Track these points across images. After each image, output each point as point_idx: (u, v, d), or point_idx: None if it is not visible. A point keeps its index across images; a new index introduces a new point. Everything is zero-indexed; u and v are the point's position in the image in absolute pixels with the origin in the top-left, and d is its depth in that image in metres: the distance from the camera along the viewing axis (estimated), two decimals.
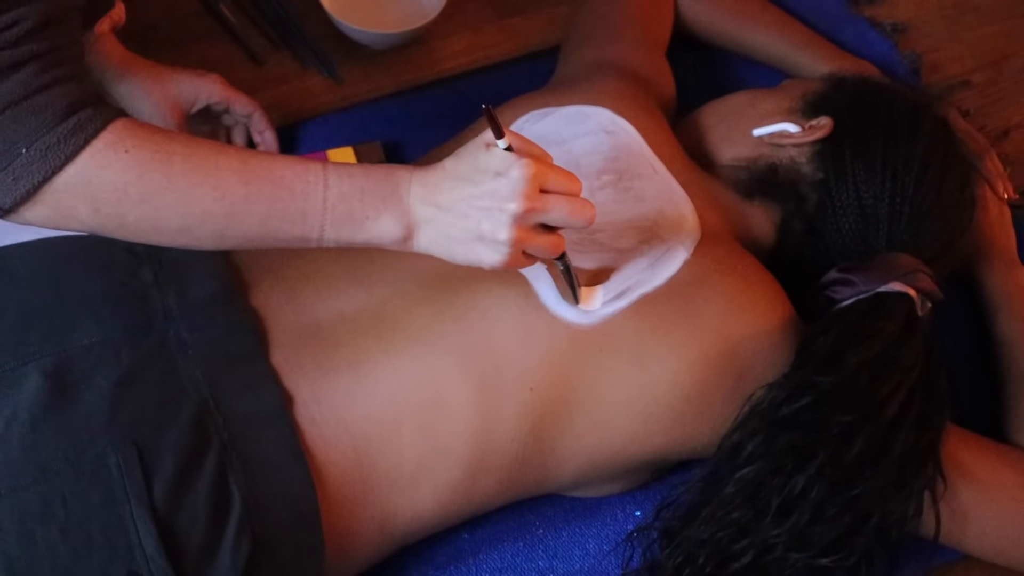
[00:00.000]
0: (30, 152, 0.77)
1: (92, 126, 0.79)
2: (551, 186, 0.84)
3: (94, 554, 0.80)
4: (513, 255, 0.85)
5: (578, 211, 0.85)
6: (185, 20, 1.35)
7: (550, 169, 0.84)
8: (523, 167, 0.82)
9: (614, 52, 1.22)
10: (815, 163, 1.08)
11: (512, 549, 1.05)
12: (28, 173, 0.78)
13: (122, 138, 0.80)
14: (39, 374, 0.84)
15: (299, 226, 0.84)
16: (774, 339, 0.98)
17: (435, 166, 0.87)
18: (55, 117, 0.78)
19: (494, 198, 0.83)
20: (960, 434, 0.99)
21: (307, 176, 0.84)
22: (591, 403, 0.94)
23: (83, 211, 0.80)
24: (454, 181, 0.84)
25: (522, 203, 0.82)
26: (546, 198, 0.84)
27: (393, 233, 0.85)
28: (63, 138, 0.78)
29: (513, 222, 0.83)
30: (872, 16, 1.46)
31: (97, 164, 0.79)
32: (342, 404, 0.90)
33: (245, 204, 0.82)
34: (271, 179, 0.83)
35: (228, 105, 1.19)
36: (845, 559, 0.91)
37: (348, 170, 0.85)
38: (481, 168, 0.84)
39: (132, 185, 0.80)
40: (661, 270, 0.97)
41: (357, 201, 0.84)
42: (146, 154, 0.80)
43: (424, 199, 0.85)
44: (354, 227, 0.85)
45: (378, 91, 1.33)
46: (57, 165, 0.78)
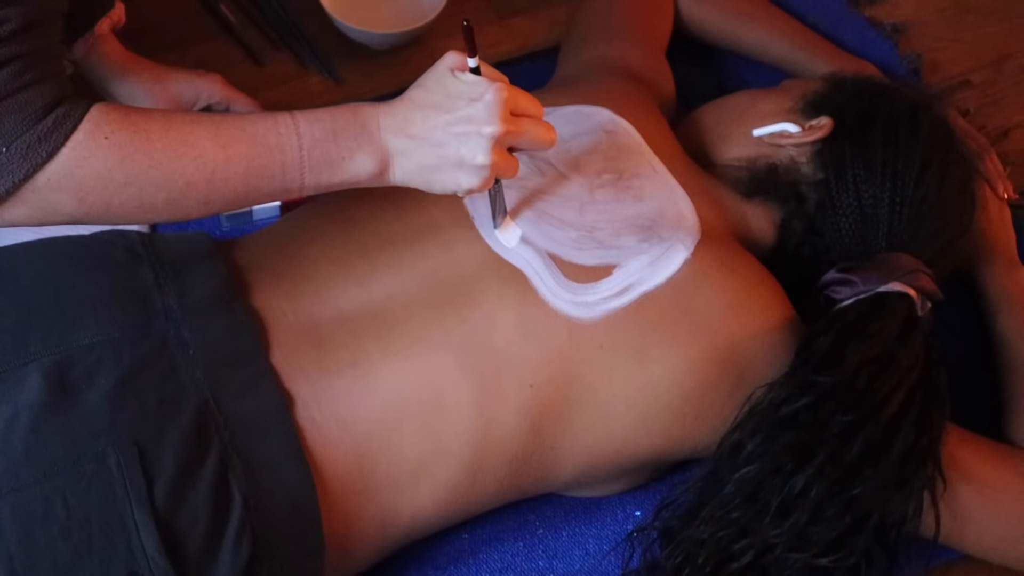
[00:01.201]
0: (10, 151, 0.77)
1: (71, 120, 0.79)
2: (521, 108, 0.88)
3: (95, 554, 0.80)
4: (489, 178, 0.87)
5: (544, 134, 0.89)
6: (185, 20, 1.35)
7: (519, 92, 0.88)
8: (497, 91, 0.85)
9: (614, 52, 1.22)
10: (815, 163, 1.08)
11: (512, 549, 1.05)
12: (8, 172, 0.78)
13: (100, 125, 0.80)
14: (40, 374, 0.84)
15: (279, 178, 0.86)
16: (774, 339, 0.98)
17: (401, 98, 0.89)
18: (35, 115, 0.78)
19: (471, 123, 0.85)
20: (960, 434, 0.99)
21: (279, 128, 0.86)
22: (591, 401, 0.94)
23: (68, 204, 0.81)
24: (427, 110, 0.86)
25: (500, 126, 0.85)
26: (520, 120, 0.87)
27: (369, 168, 0.87)
28: (44, 135, 0.78)
29: (492, 145, 0.85)
30: (872, 16, 1.46)
31: (79, 156, 0.79)
32: (342, 404, 0.90)
33: (226, 167, 0.84)
34: (246, 138, 0.84)
35: (228, 105, 1.19)
36: (845, 559, 0.92)
37: (316, 115, 0.87)
38: (453, 94, 0.86)
39: (116, 170, 0.81)
40: (662, 268, 0.97)
41: (331, 143, 0.86)
42: (125, 136, 0.81)
43: (396, 131, 0.87)
44: (332, 169, 0.87)
45: (378, 91, 1.33)
46: (38, 163, 0.78)
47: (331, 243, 0.99)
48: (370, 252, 0.97)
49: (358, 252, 0.98)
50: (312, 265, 0.97)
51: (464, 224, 0.99)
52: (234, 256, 0.99)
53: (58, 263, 0.92)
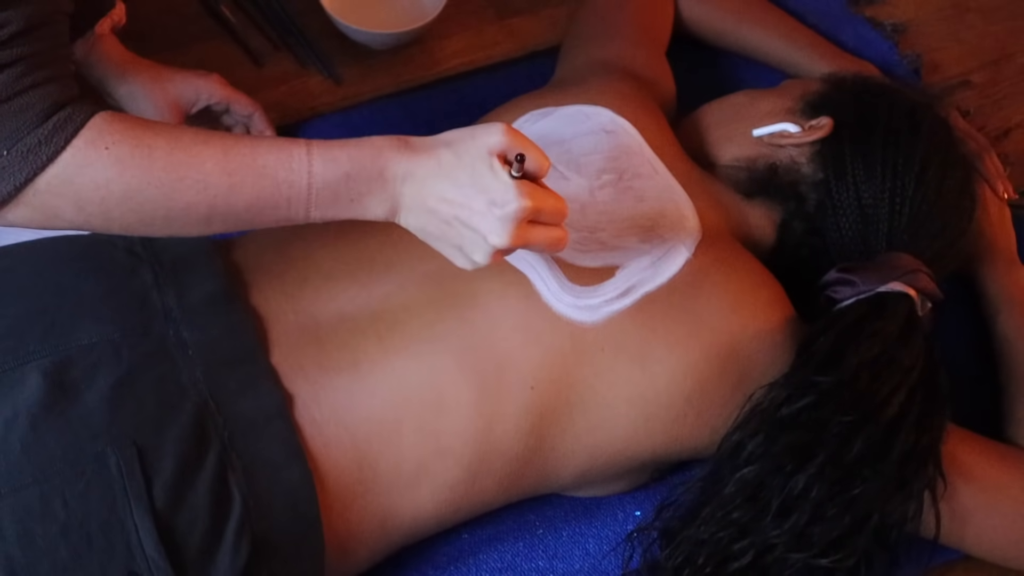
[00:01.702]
0: (11, 154, 0.77)
1: (72, 125, 0.79)
2: (541, 219, 0.84)
3: (94, 554, 0.80)
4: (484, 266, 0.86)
5: (554, 243, 0.85)
6: (185, 20, 1.35)
7: (547, 203, 0.83)
8: (519, 211, 0.81)
9: (614, 52, 1.22)
10: (815, 163, 1.08)
11: (512, 549, 1.05)
12: (9, 175, 0.78)
13: (102, 134, 0.79)
14: (39, 374, 0.84)
15: (283, 211, 0.84)
16: (775, 339, 0.98)
17: (429, 152, 0.84)
18: (36, 118, 0.78)
19: (482, 226, 0.82)
20: (960, 434, 0.99)
21: (291, 163, 0.83)
22: (592, 402, 0.94)
23: (67, 210, 0.80)
24: (447, 184, 0.83)
25: (506, 241, 0.82)
26: (529, 233, 0.83)
27: (377, 214, 0.86)
28: (44, 139, 0.78)
29: (492, 253, 0.84)
30: (872, 16, 1.46)
31: (78, 163, 0.79)
32: (342, 404, 0.90)
33: (229, 195, 0.82)
34: (254, 168, 0.82)
35: (228, 105, 1.19)
36: (845, 559, 0.91)
37: (333, 154, 0.84)
38: (479, 187, 0.82)
39: (114, 182, 0.80)
40: (663, 269, 0.97)
41: (343, 187, 0.84)
42: (126, 149, 0.80)
43: (412, 190, 0.84)
44: (338, 208, 0.85)
45: (378, 91, 1.33)
46: (39, 166, 0.78)
47: (331, 243, 0.99)
48: (371, 252, 0.97)
49: (359, 252, 0.98)
50: (312, 265, 0.97)
51: None
52: (233, 256, 0.99)
53: (58, 263, 0.92)
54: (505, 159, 0.83)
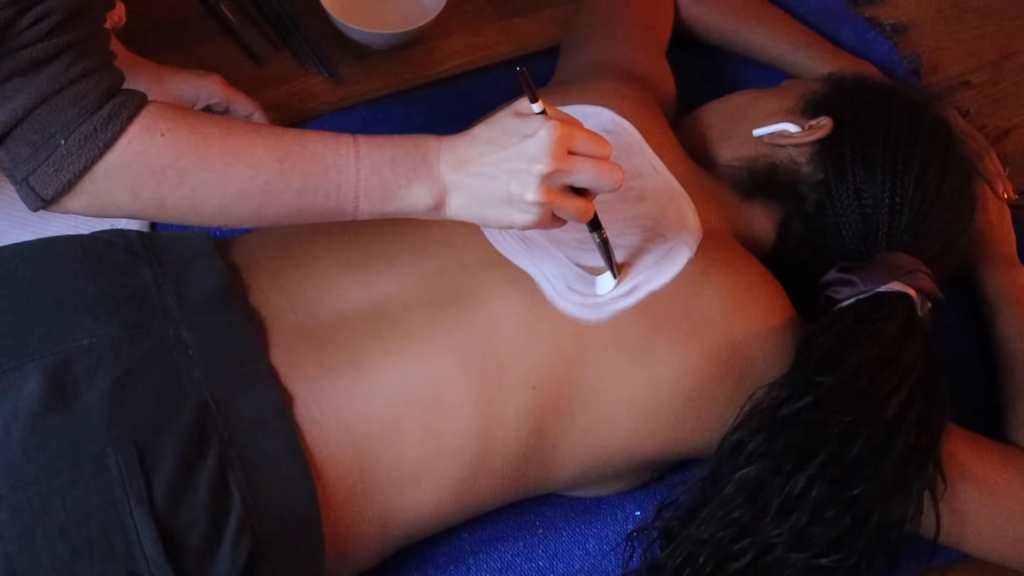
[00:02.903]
0: (69, 142, 0.79)
1: (126, 112, 0.81)
2: (579, 148, 0.85)
3: (94, 554, 0.80)
4: (543, 216, 0.86)
5: (605, 173, 0.86)
6: (185, 20, 1.35)
7: (579, 131, 0.85)
8: (551, 128, 0.83)
9: (614, 52, 1.22)
10: (815, 163, 1.08)
11: (512, 549, 1.05)
12: (68, 163, 0.80)
13: (156, 122, 0.81)
14: (39, 374, 0.84)
15: (333, 199, 0.86)
16: (775, 339, 0.98)
17: (464, 133, 0.88)
18: (90, 106, 0.79)
19: (521, 159, 0.84)
20: (960, 434, 0.99)
21: (338, 148, 0.85)
22: (594, 402, 0.94)
23: (123, 197, 0.82)
24: (483, 146, 0.86)
25: (549, 163, 0.83)
26: (572, 159, 0.85)
27: (425, 201, 0.87)
28: (100, 126, 0.79)
29: (540, 182, 0.84)
30: (872, 16, 1.46)
31: (134, 149, 0.81)
32: (342, 403, 0.90)
33: (280, 181, 0.84)
34: (304, 154, 0.85)
35: (228, 105, 1.19)
36: (845, 559, 0.92)
37: (377, 141, 0.87)
38: (509, 131, 0.85)
39: (170, 168, 0.82)
40: (667, 268, 0.97)
41: (388, 171, 0.86)
42: (181, 136, 0.82)
43: (453, 165, 0.86)
44: (386, 197, 0.86)
45: (378, 91, 1.33)
46: (96, 153, 0.80)
47: (332, 242, 0.99)
48: (371, 251, 0.97)
49: (359, 251, 0.98)
50: (312, 264, 0.97)
51: (469, 225, 0.98)
52: (233, 255, 0.99)
53: (58, 263, 0.92)
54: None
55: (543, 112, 0.86)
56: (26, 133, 0.79)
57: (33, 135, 0.79)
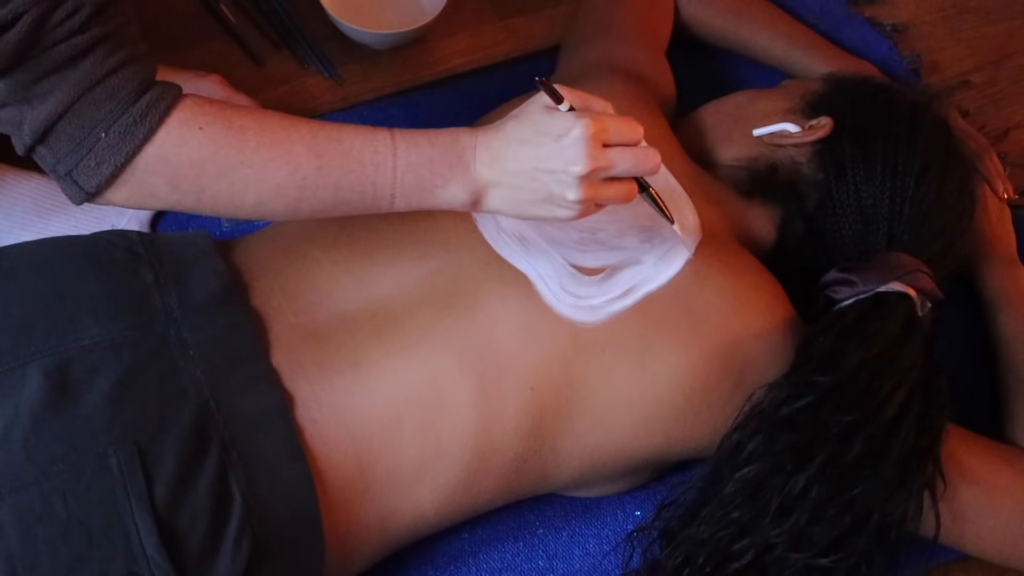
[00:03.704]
0: (109, 135, 0.80)
1: (163, 103, 0.81)
2: (612, 139, 0.85)
3: (95, 554, 0.80)
4: (586, 209, 0.87)
5: (642, 161, 0.86)
6: (185, 20, 1.35)
7: (611, 123, 0.85)
8: (583, 128, 0.83)
9: (614, 52, 1.22)
10: (815, 163, 1.08)
11: (512, 549, 1.05)
12: (110, 155, 0.80)
13: (195, 115, 0.82)
14: (40, 374, 0.84)
15: (370, 195, 0.86)
16: (775, 339, 0.98)
17: (497, 128, 0.88)
18: (128, 98, 0.80)
19: (558, 160, 0.84)
20: (960, 434, 0.99)
21: (376, 146, 0.86)
22: (592, 402, 0.94)
23: (162, 189, 0.83)
24: (517, 146, 0.86)
25: (587, 164, 0.84)
26: (609, 155, 0.85)
27: (461, 199, 0.87)
28: (139, 118, 0.80)
29: (580, 183, 0.84)
30: (872, 16, 1.46)
31: (174, 142, 0.81)
32: (342, 404, 0.90)
33: (317, 176, 0.84)
34: (341, 150, 0.85)
35: None
36: (845, 559, 0.92)
37: (415, 139, 0.87)
38: (542, 131, 0.85)
39: (209, 161, 0.82)
40: (664, 269, 0.97)
41: (426, 170, 0.86)
42: (220, 129, 0.82)
43: (490, 164, 0.86)
44: (423, 195, 0.87)
45: (378, 91, 1.33)
46: (137, 145, 0.80)
47: (332, 243, 0.99)
48: (372, 252, 0.98)
49: (359, 252, 0.98)
50: (313, 265, 0.97)
51: (468, 226, 0.99)
52: (234, 256, 0.99)
53: (59, 263, 0.92)
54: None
55: (571, 108, 0.86)
56: (66, 128, 0.80)
57: (73, 130, 0.80)
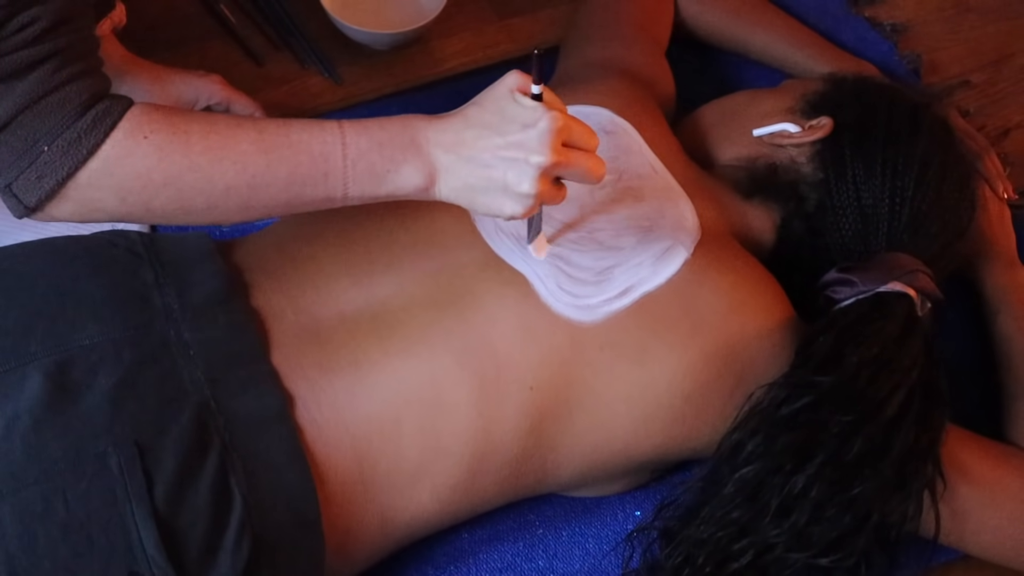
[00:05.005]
0: (51, 149, 0.79)
1: (110, 118, 0.80)
2: (574, 140, 0.85)
3: (95, 554, 0.80)
4: (533, 207, 0.86)
5: (594, 168, 0.86)
6: (185, 20, 1.35)
7: (574, 123, 0.86)
8: (552, 120, 0.83)
9: (614, 52, 1.22)
10: (815, 163, 1.08)
11: (512, 549, 1.05)
12: (51, 171, 0.79)
13: (140, 125, 0.81)
14: (40, 374, 0.84)
15: (322, 187, 0.85)
16: (774, 339, 0.98)
17: (455, 113, 0.87)
18: (74, 113, 0.79)
19: (521, 149, 0.83)
20: (960, 434, 0.99)
21: (324, 137, 0.85)
22: (591, 402, 0.94)
23: (109, 202, 0.82)
24: (479, 129, 0.85)
25: (549, 156, 0.83)
26: (569, 152, 0.85)
27: (415, 182, 0.86)
28: (83, 133, 0.79)
29: (538, 175, 0.84)
30: (872, 16, 1.46)
31: (118, 154, 0.80)
32: (342, 404, 0.90)
33: (266, 173, 0.83)
34: (289, 144, 0.84)
35: (228, 105, 1.19)
36: (845, 559, 0.92)
37: (364, 125, 0.86)
38: (508, 117, 0.84)
39: (155, 170, 0.81)
40: (662, 269, 0.97)
41: (376, 155, 0.85)
42: (165, 137, 0.81)
43: (446, 147, 0.86)
44: (376, 181, 0.86)
45: (378, 91, 1.33)
46: (79, 160, 0.79)
47: (332, 243, 0.99)
48: (371, 252, 0.98)
49: (359, 252, 0.98)
50: (313, 265, 0.97)
51: (467, 226, 0.99)
52: (234, 256, 0.99)
53: (59, 263, 0.92)
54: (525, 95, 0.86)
55: (540, 95, 0.85)
56: (9, 139, 0.78)
57: (16, 141, 0.79)
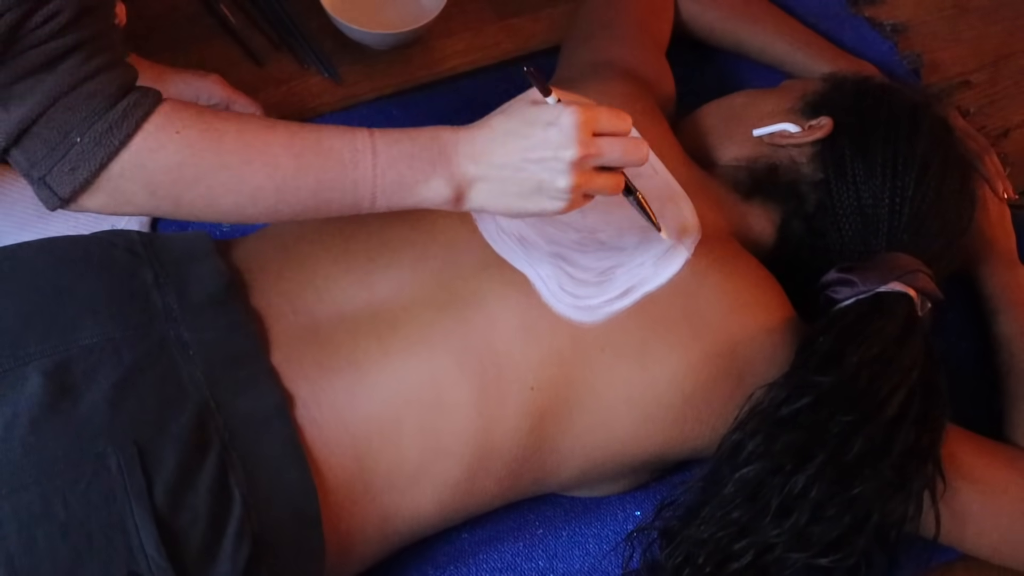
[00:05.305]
0: (84, 140, 0.79)
1: (141, 109, 0.81)
2: (602, 128, 0.86)
3: (95, 554, 0.80)
4: (575, 200, 0.86)
5: (632, 150, 0.86)
6: (185, 20, 1.35)
7: (600, 112, 0.86)
8: (573, 114, 0.84)
9: (614, 52, 1.22)
10: (815, 163, 1.08)
11: (512, 549, 1.05)
12: (84, 161, 0.80)
13: (171, 120, 0.81)
14: (40, 374, 0.84)
15: (350, 195, 0.86)
16: (774, 339, 0.98)
17: (481, 124, 0.88)
18: (105, 104, 0.79)
19: (548, 147, 0.84)
20: (960, 434, 0.99)
21: (355, 145, 0.85)
22: (592, 402, 0.94)
23: (139, 195, 0.82)
24: (504, 137, 0.86)
25: (577, 149, 0.84)
26: (599, 142, 0.85)
27: (444, 195, 0.87)
28: (115, 124, 0.79)
29: (571, 169, 0.84)
30: (872, 16, 1.46)
31: (150, 147, 0.81)
32: (342, 404, 0.90)
33: (296, 178, 0.84)
34: (320, 151, 0.84)
35: (228, 105, 1.19)
36: (845, 559, 0.92)
37: (395, 136, 0.87)
38: (531, 121, 0.85)
39: (186, 166, 0.82)
40: (663, 269, 0.97)
41: (406, 167, 0.86)
42: (196, 133, 0.82)
43: (475, 158, 0.86)
44: (404, 192, 0.86)
45: (378, 91, 1.33)
46: (111, 151, 0.80)
47: (332, 243, 0.99)
48: (372, 252, 0.97)
49: (359, 252, 0.98)
50: (313, 265, 0.97)
51: (468, 226, 0.99)
52: (234, 256, 0.99)
53: (58, 263, 0.92)
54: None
55: (559, 101, 0.86)
56: (42, 132, 0.79)
57: (49, 134, 0.79)
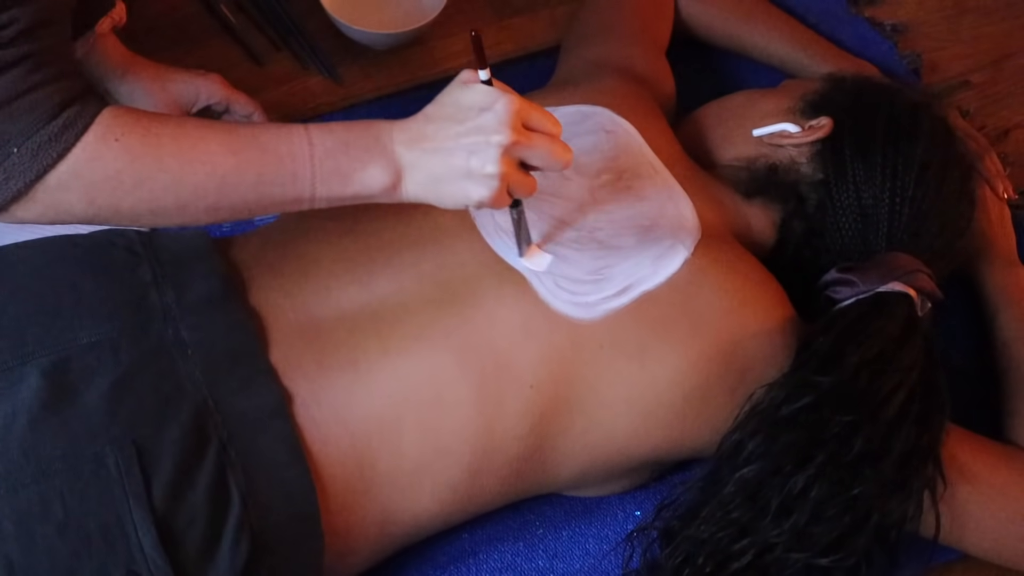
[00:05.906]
0: (21, 151, 0.78)
1: (82, 121, 0.80)
2: (534, 123, 0.86)
3: (93, 553, 0.80)
4: (500, 190, 0.86)
5: (559, 151, 0.87)
6: (185, 20, 1.35)
7: (534, 107, 0.87)
8: (508, 102, 0.84)
9: (614, 52, 1.22)
10: (815, 163, 1.08)
11: (512, 549, 1.05)
12: (20, 172, 0.79)
13: (111, 128, 0.81)
14: (38, 373, 0.84)
15: (290, 187, 0.86)
16: (774, 339, 0.98)
17: (415, 115, 0.89)
18: (46, 115, 0.79)
19: (480, 132, 0.84)
20: (960, 434, 0.99)
21: (291, 138, 0.86)
22: (592, 401, 0.94)
23: (77, 205, 0.82)
24: (439, 122, 0.87)
25: (509, 134, 0.84)
26: (530, 133, 0.86)
27: (382, 181, 0.87)
28: (54, 136, 0.79)
29: (501, 154, 0.84)
30: (872, 16, 1.46)
31: (88, 157, 0.80)
32: (342, 403, 0.90)
33: (236, 174, 0.84)
34: (257, 145, 0.85)
35: (228, 105, 1.19)
36: (845, 559, 0.91)
37: (329, 127, 0.87)
38: (465, 105, 0.86)
39: (125, 172, 0.81)
40: (662, 268, 0.97)
41: (343, 155, 0.86)
42: (135, 139, 0.81)
43: (408, 144, 0.87)
44: (343, 181, 0.87)
45: (378, 91, 1.33)
46: (48, 163, 0.79)
47: (332, 241, 0.99)
48: (371, 251, 0.97)
49: (359, 251, 0.98)
50: (312, 263, 0.97)
51: (466, 224, 0.99)
52: (233, 254, 0.99)
53: (57, 263, 0.92)
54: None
55: (489, 81, 0.86)
56: None
57: None
